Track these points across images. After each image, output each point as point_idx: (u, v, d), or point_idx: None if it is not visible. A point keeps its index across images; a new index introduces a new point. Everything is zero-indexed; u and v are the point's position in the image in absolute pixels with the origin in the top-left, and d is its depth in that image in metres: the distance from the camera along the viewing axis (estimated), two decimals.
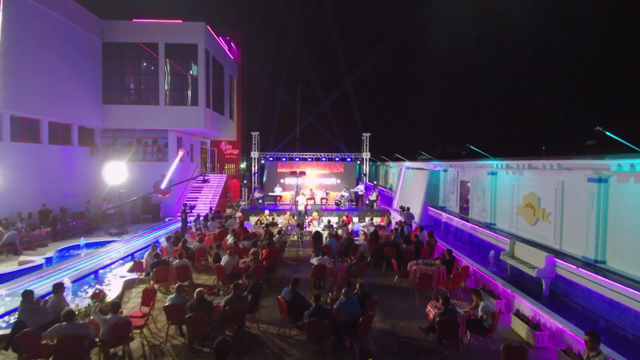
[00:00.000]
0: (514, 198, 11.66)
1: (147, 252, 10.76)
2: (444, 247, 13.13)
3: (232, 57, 31.52)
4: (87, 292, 10.52)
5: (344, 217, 17.80)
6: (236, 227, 15.68)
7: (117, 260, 13.47)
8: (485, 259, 11.92)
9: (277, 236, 13.74)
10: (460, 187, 15.88)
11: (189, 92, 22.94)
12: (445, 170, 17.54)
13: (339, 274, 10.24)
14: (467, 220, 14.57)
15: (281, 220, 18.86)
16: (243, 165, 37.22)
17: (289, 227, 16.60)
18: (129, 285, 10.67)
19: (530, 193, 10.82)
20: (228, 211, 26.46)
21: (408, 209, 16.87)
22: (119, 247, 15.12)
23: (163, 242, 12.72)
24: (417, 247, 12.23)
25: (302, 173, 19.45)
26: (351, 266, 10.53)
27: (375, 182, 27.46)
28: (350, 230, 17.10)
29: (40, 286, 10.56)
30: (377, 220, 22.74)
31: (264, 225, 16.62)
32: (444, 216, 16.25)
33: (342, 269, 10.29)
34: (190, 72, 22.98)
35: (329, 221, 16.95)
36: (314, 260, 10.25)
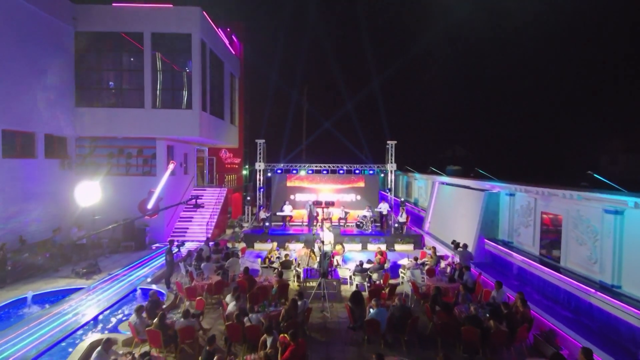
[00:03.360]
0: None
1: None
2: (543, 319, 9.09)
3: (234, 52, 27.46)
4: None
5: (378, 254, 13.64)
6: (239, 276, 11.65)
7: (76, 330, 9.45)
8: (618, 347, 7.90)
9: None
10: (541, 220, 11.83)
11: (182, 93, 18.98)
12: (511, 195, 13.48)
13: None
14: (557, 270, 10.54)
15: (295, 254, 14.82)
16: (245, 173, 32.97)
17: (309, 274, 12.51)
18: None
19: None
20: (228, 232, 22.47)
21: (465, 246, 12.80)
22: (83, 303, 11.10)
23: (132, 316, 8.63)
24: (511, 323, 8.21)
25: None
26: None
27: (402, 199, 23.32)
28: (386, 269, 13.10)
29: None
30: (408, 248, 18.75)
31: (274, 268, 12.57)
32: (516, 258, 12.16)
33: None
34: (185, 69, 19.00)
35: (360, 263, 12.85)
36: None
